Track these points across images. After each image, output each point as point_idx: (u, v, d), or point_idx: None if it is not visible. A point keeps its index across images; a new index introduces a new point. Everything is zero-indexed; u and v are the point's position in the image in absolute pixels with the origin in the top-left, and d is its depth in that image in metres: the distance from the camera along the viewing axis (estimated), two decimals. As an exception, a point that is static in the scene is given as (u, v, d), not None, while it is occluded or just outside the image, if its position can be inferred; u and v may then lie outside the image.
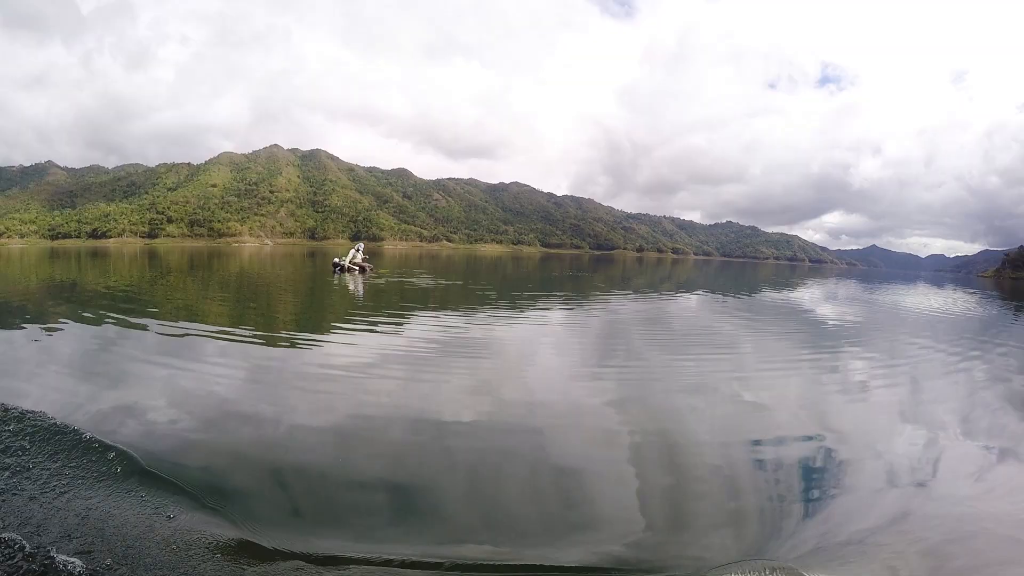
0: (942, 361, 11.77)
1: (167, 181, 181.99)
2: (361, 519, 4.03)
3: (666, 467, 5.14)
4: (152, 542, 3.49)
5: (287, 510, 4.14)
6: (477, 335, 11.83)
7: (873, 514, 4.40)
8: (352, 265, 29.72)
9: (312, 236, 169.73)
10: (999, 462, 5.82)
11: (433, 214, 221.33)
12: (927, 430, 6.67)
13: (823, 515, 4.36)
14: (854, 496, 4.74)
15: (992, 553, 3.97)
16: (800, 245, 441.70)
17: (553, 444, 5.55)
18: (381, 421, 5.99)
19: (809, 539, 3.99)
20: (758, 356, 11.08)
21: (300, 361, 8.78)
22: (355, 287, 22.65)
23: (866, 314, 22.41)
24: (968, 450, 6.13)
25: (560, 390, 7.82)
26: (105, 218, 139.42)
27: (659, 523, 4.11)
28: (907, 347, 13.34)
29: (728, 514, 4.30)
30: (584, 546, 3.74)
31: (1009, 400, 8.53)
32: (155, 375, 7.33)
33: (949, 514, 4.48)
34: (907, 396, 8.41)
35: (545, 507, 4.29)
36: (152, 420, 5.71)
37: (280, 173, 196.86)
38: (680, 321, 16.96)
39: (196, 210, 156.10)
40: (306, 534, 3.77)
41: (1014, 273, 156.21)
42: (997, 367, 11.41)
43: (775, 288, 37.86)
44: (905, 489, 4.96)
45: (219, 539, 3.60)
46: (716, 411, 6.95)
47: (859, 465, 5.48)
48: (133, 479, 4.29)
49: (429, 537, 3.80)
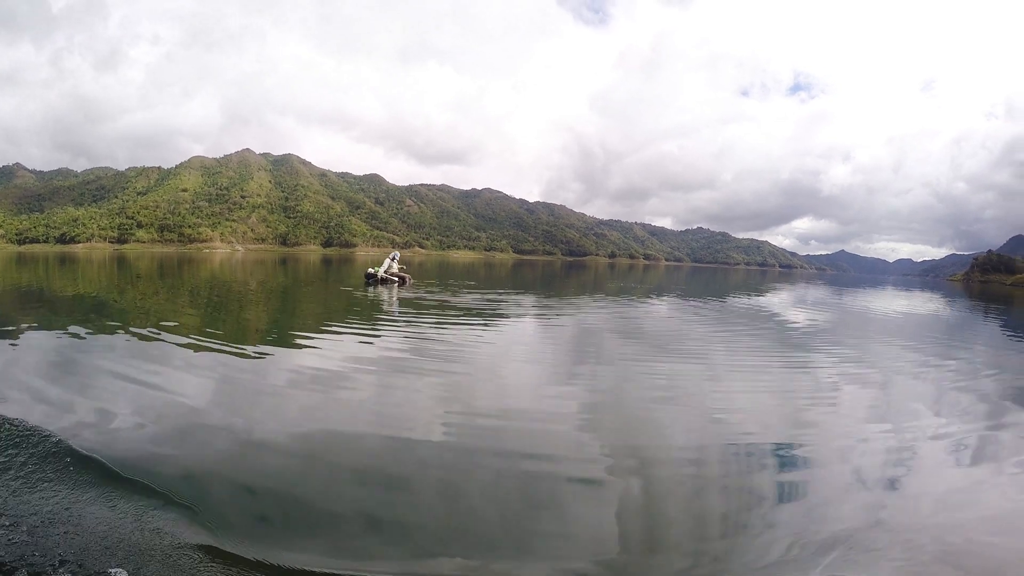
0: (916, 360, 12.24)
1: (137, 185, 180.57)
2: (332, 531, 4.01)
3: (637, 477, 5.12)
4: (120, 546, 3.51)
5: (257, 519, 4.14)
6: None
7: (847, 517, 4.42)
8: (389, 276, 26.56)
9: (284, 242, 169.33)
10: (974, 460, 5.86)
11: (405, 220, 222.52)
12: (901, 431, 6.69)
13: (795, 520, 4.35)
14: (827, 500, 4.75)
15: (973, 552, 4.00)
16: (770, 251, 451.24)
17: (525, 454, 5.52)
18: (356, 431, 6.03)
19: (781, 545, 3.97)
20: (730, 361, 11.08)
21: (277, 368, 8.72)
22: (389, 302, 19.37)
23: (841, 318, 23.04)
24: (943, 450, 6.15)
25: (534, 398, 7.84)
26: (74, 222, 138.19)
27: (630, 538, 4.05)
28: (886, 348, 13.89)
29: (699, 524, 4.28)
30: (553, 561, 3.72)
31: (990, 396, 8.85)
32: (130, 382, 7.23)
33: (926, 514, 4.54)
34: (881, 397, 8.52)
35: (516, 520, 4.24)
36: (122, 426, 5.68)
37: (252, 178, 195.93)
38: (652, 326, 17.01)
39: (166, 215, 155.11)
40: (275, 544, 3.75)
41: (982, 276, 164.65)
42: (974, 365, 12.02)
43: (746, 293, 38.14)
44: (879, 491, 4.98)
45: (188, 543, 3.63)
46: (687, 417, 6.92)
47: (832, 468, 5.50)
48: (100, 483, 4.33)
49: (401, 550, 3.80)
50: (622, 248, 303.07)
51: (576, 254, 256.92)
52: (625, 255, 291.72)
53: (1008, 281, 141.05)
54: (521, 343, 12.58)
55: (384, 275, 26.36)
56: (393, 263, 27.52)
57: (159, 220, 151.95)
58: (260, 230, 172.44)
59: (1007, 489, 5.19)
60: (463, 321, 15.10)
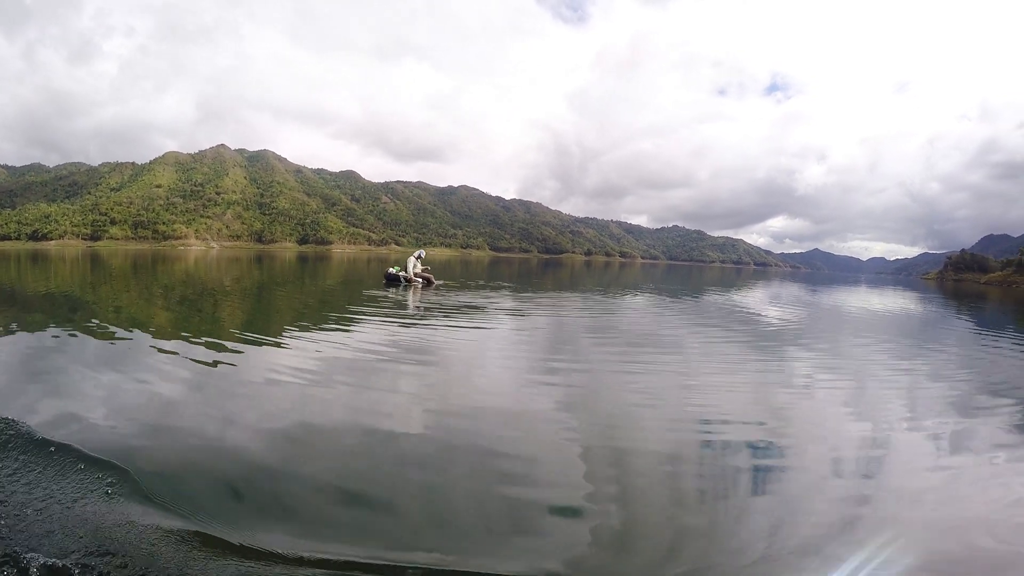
0: (894, 356, 12.30)
1: (110, 181, 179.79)
2: (308, 518, 4.01)
3: (613, 474, 5.08)
4: (93, 531, 3.51)
5: (235, 504, 4.14)
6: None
7: (825, 514, 4.41)
8: (415, 277, 24.63)
9: (259, 239, 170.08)
10: (953, 454, 5.88)
11: (382, 217, 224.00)
12: (878, 428, 6.66)
13: (773, 518, 4.32)
14: (805, 499, 4.71)
15: (951, 548, 4.01)
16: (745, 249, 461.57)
17: (503, 449, 5.49)
18: (334, 424, 5.95)
19: (759, 544, 3.92)
20: (706, 358, 11.01)
21: (253, 365, 8.50)
22: (414, 305, 17.16)
23: (817, 314, 23.12)
24: (921, 445, 6.16)
25: (513, 393, 7.77)
26: (46, 219, 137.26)
27: (603, 534, 4.00)
28: (865, 345, 13.94)
29: (674, 523, 4.23)
30: (526, 557, 3.66)
31: (968, 392, 8.86)
32: (106, 377, 7.18)
33: (905, 509, 4.55)
34: (858, 394, 8.50)
35: (492, 515, 4.21)
36: (98, 419, 5.62)
37: (227, 174, 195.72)
38: (629, 323, 16.68)
39: (140, 211, 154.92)
40: (247, 527, 3.75)
41: (956, 275, 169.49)
42: (952, 360, 12.26)
43: (722, 290, 38.05)
44: (856, 487, 4.97)
45: (161, 528, 3.64)
46: (663, 414, 6.92)
47: (809, 466, 5.46)
48: (72, 472, 4.32)
49: (378, 540, 3.78)
50: (598, 246, 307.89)
51: (552, 252, 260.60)
52: (601, 253, 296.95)
53: (982, 279, 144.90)
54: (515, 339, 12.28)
55: (408, 276, 24.49)
56: (418, 263, 25.35)
57: (133, 217, 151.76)
58: (235, 227, 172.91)
59: (986, 482, 5.20)
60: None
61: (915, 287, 77.23)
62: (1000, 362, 12.22)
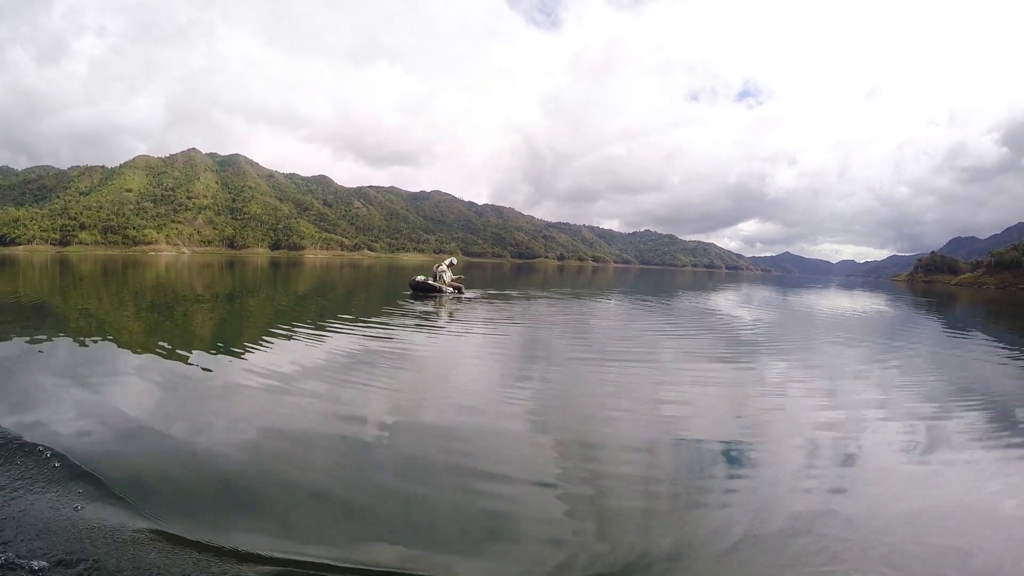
0: (867, 356, 12.57)
1: (80, 185, 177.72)
2: (276, 516, 4.01)
3: (585, 473, 5.01)
4: (63, 531, 3.54)
5: (200, 504, 4.12)
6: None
7: (797, 510, 4.36)
8: (448, 286, 22.82)
9: (231, 245, 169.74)
10: (924, 453, 5.87)
11: (354, 222, 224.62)
12: (850, 425, 6.69)
13: (746, 515, 4.27)
14: (777, 494, 4.68)
15: (922, 541, 4.01)
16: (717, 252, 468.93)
17: (475, 451, 5.44)
18: (307, 427, 5.90)
19: (732, 538, 3.91)
20: (678, 360, 11.00)
21: (230, 371, 8.35)
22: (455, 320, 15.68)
23: (789, 317, 23.48)
24: (893, 443, 6.13)
25: (486, 396, 7.72)
26: (14, 223, 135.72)
27: (575, 535, 3.94)
28: (839, 345, 14.11)
29: (645, 523, 4.15)
30: (497, 559, 3.62)
31: (941, 390, 8.93)
32: (76, 385, 7.11)
33: (878, 507, 4.51)
34: (831, 392, 8.58)
35: (462, 518, 4.14)
36: (69, 425, 5.57)
37: (198, 178, 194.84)
38: (602, 326, 16.76)
39: (110, 216, 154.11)
40: (218, 527, 3.76)
41: (926, 277, 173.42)
42: (925, 358, 12.54)
43: (695, 294, 38.18)
44: (829, 483, 4.96)
45: (129, 528, 3.64)
46: (636, 415, 6.89)
47: (780, 463, 5.40)
48: (40, 476, 4.30)
49: (344, 536, 3.79)
50: (571, 250, 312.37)
51: (525, 256, 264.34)
52: (574, 257, 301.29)
53: (953, 281, 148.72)
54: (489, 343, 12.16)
55: (439, 285, 22.63)
56: (448, 270, 23.46)
57: (103, 221, 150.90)
58: (207, 232, 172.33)
59: (956, 479, 5.22)
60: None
61: (887, 289, 78.35)
62: (971, 363, 12.29)
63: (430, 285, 22.70)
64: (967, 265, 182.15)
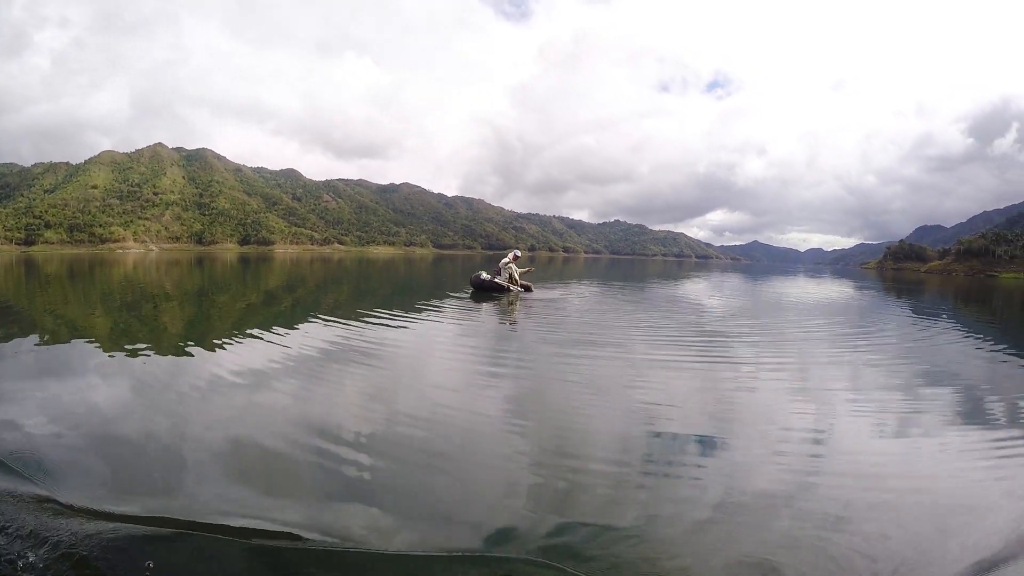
0: (844, 340, 12.56)
1: (44, 182, 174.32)
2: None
3: (556, 456, 5.08)
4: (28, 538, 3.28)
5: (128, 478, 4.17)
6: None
7: (771, 499, 4.34)
8: (511, 284, 20.61)
9: (199, 241, 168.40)
10: (898, 437, 5.92)
11: (323, 216, 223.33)
12: (823, 412, 6.68)
13: (714, 494, 4.33)
14: (746, 473, 4.75)
15: (899, 522, 4.00)
16: (686, 242, 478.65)
17: (437, 435, 5.48)
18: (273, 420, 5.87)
19: (703, 514, 3.99)
20: (650, 348, 10.86)
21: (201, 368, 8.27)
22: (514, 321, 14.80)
23: (770, 303, 23.73)
24: (866, 428, 6.15)
25: (459, 387, 7.67)
26: None
27: (538, 509, 4.01)
28: (820, 331, 14.21)
29: (614, 498, 4.24)
30: (463, 533, 3.68)
31: (915, 374, 9.09)
32: (40, 390, 6.81)
33: (851, 490, 4.51)
34: (804, 379, 8.52)
35: (421, 492, 4.23)
36: (31, 431, 5.29)
37: (164, 173, 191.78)
38: (576, 315, 16.33)
39: (76, 214, 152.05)
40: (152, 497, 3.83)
41: (895, 264, 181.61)
42: (897, 343, 12.57)
43: (665, 283, 38.43)
44: (799, 467, 4.98)
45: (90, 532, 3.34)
46: (608, 400, 6.88)
47: (755, 450, 5.38)
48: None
49: (304, 507, 3.80)
50: (541, 241, 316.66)
51: (496, 247, 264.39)
52: (545, 248, 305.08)
53: (922, 268, 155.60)
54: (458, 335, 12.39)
55: (506, 284, 20.39)
56: (513, 265, 20.90)
57: (68, 219, 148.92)
58: (174, 228, 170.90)
59: (928, 460, 5.27)
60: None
61: (854, 276, 79.59)
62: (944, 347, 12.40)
63: (496, 284, 20.38)
64: (935, 253, 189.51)
